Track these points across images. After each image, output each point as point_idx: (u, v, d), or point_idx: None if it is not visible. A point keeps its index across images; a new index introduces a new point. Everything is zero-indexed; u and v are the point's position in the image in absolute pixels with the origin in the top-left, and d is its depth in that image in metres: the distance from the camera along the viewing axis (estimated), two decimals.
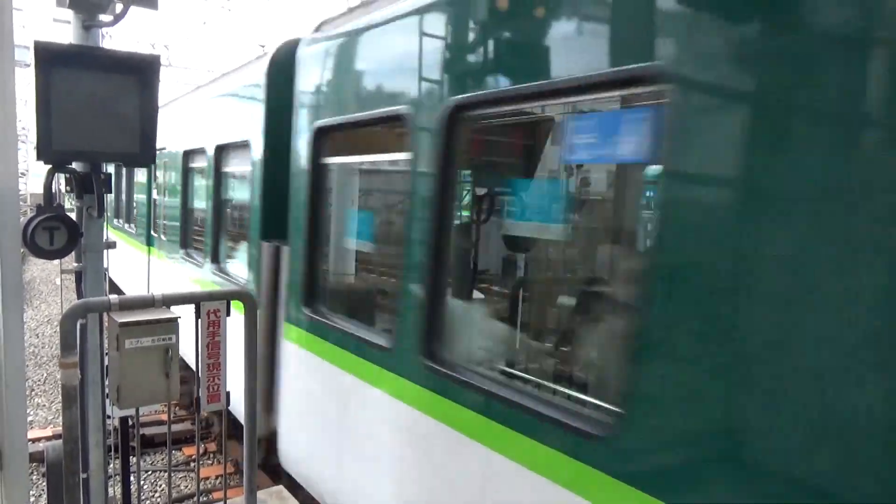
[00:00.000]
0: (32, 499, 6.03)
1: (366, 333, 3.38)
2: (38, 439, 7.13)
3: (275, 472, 4.77)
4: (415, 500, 2.95)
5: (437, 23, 2.93)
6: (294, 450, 4.23)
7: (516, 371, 3.33)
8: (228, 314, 3.00)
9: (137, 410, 2.97)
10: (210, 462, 7.25)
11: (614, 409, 2.11)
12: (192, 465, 7.12)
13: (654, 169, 2.35)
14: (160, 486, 6.70)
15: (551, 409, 2.32)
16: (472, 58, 2.74)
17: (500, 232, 4.41)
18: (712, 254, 1.81)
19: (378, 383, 3.16)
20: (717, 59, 1.83)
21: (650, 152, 2.40)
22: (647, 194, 3.21)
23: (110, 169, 10.84)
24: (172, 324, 2.73)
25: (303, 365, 4.02)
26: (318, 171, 3.98)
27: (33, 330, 12.76)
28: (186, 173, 7.36)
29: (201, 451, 6.70)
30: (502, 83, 2.56)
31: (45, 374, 10.17)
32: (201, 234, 6.92)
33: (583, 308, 3.80)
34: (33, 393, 9.20)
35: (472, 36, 2.74)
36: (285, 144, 4.31)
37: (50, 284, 18.31)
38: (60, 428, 6.77)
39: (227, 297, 3.07)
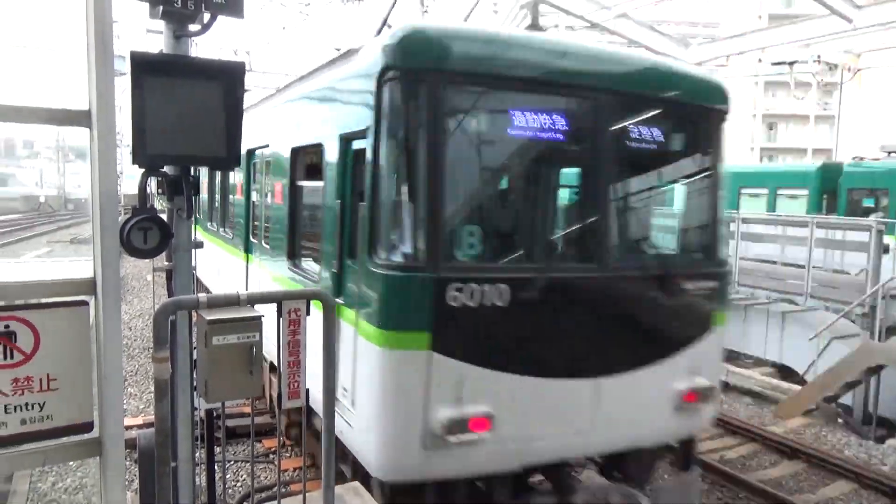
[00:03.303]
0: (125, 483, 6.39)
1: None
2: (131, 427, 7.54)
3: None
4: None
5: None
6: None
7: None
8: (308, 313, 3.08)
9: (224, 404, 3.09)
10: (288, 455, 7.48)
11: None
12: (271, 456, 7.37)
13: None
14: (241, 476, 6.96)
15: None
16: None
17: None
18: None
19: None
20: None
21: None
22: None
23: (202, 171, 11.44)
24: (257, 322, 2.83)
25: None
26: None
27: (126, 323, 13.54)
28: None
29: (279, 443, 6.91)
30: None
31: (136, 366, 10.76)
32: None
33: None
34: (126, 383, 9.75)
35: None
36: None
37: (141, 280, 19.37)
38: (151, 417, 7.09)
39: (307, 297, 3.16)
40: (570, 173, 5.30)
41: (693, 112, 4.95)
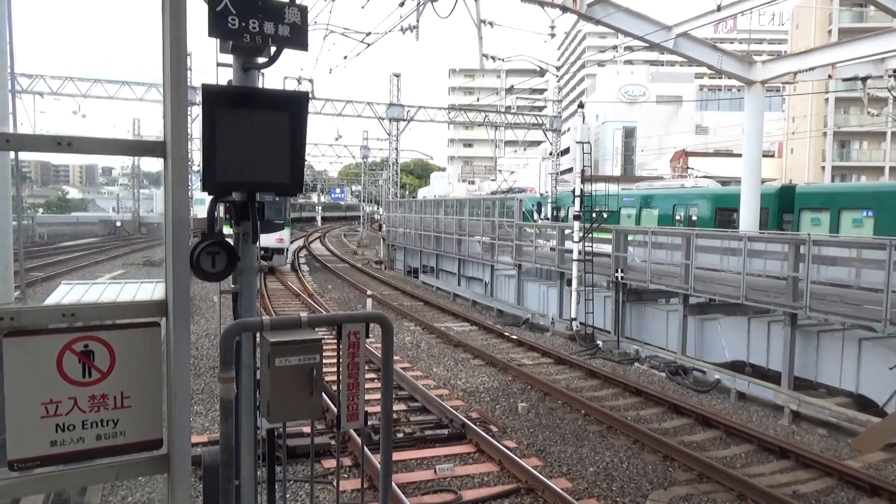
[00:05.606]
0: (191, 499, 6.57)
1: None
2: (196, 444, 7.76)
3: None
4: None
5: None
6: None
7: None
8: (368, 336, 3.13)
9: (285, 424, 3.16)
10: (346, 476, 7.54)
11: None
12: (329, 477, 7.44)
13: None
14: (300, 495, 7.05)
15: None
16: None
17: None
18: None
19: None
20: None
21: None
22: None
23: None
24: (317, 344, 2.89)
25: None
26: None
27: (193, 343, 14.04)
28: None
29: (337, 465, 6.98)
30: None
31: (202, 385, 11.10)
32: None
33: None
34: (193, 401, 10.07)
35: None
36: None
37: (208, 301, 20.05)
38: (216, 435, 7.25)
39: (366, 320, 3.21)
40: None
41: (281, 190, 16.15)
